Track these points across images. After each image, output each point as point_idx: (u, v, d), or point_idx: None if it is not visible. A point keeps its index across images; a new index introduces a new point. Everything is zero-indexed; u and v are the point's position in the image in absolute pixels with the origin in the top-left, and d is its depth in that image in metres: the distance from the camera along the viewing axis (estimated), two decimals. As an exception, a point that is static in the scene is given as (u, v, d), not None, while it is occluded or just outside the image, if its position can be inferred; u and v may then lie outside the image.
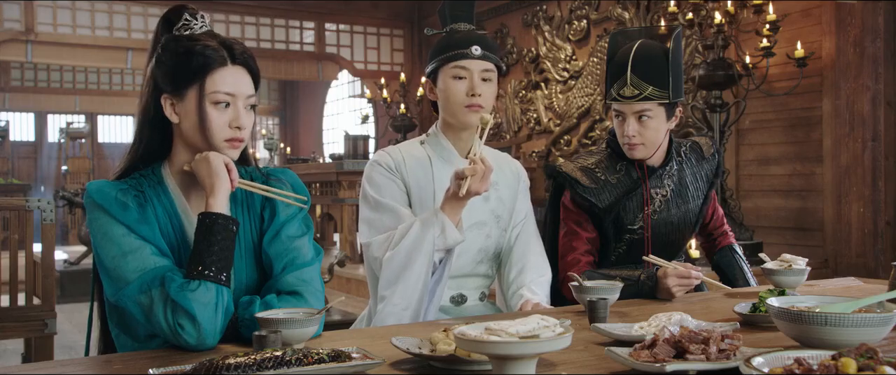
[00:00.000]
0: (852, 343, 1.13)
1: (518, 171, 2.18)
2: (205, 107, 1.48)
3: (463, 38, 2.03)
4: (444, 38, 2.06)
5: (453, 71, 1.99)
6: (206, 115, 1.48)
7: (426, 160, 2.06)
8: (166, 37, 1.52)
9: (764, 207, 5.61)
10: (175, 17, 1.53)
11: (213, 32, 1.54)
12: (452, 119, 2.03)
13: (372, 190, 2.02)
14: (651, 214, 2.20)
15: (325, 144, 14.48)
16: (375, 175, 2.04)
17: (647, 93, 2.08)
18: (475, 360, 1.20)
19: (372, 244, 1.96)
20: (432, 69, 2.05)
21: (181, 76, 1.48)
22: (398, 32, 10.28)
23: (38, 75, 13.48)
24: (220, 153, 1.50)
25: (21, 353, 4.10)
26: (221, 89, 1.48)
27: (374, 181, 2.03)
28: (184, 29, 1.52)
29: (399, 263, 1.87)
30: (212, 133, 1.48)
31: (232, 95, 1.49)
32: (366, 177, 2.06)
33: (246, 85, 1.52)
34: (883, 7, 4.87)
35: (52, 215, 2.99)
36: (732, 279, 2.37)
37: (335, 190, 7.05)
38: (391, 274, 1.88)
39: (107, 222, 1.44)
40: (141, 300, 1.38)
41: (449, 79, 2.00)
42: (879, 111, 4.91)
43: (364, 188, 2.05)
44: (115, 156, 14.28)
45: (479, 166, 1.77)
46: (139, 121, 1.55)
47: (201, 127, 1.48)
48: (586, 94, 7.39)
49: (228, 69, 1.49)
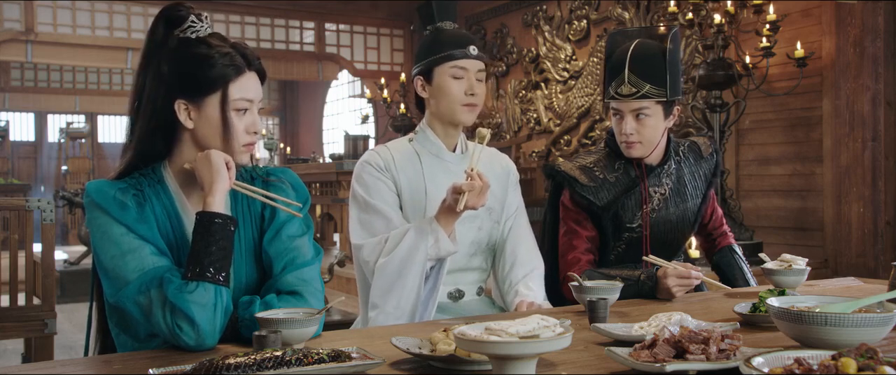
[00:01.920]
0: (852, 343, 1.13)
1: (508, 166, 2.22)
2: (228, 114, 1.49)
3: (461, 38, 2.05)
4: (437, 36, 2.07)
5: (452, 70, 2.02)
6: (230, 123, 1.50)
7: (415, 156, 2.07)
8: (177, 40, 1.50)
9: (764, 207, 5.61)
10: (178, 18, 1.50)
11: (219, 35, 1.54)
12: (448, 116, 2.04)
13: (362, 190, 2.02)
14: (649, 213, 2.20)
15: (325, 144, 14.48)
16: (365, 175, 2.04)
17: (644, 90, 2.10)
18: (475, 360, 1.20)
19: (364, 247, 1.96)
20: (426, 66, 2.05)
21: (202, 83, 1.48)
22: (398, 32, 10.28)
23: (38, 75, 13.47)
24: (238, 158, 1.52)
25: (21, 353, 4.10)
26: (244, 96, 1.51)
27: (364, 181, 2.03)
28: (190, 31, 1.50)
29: (392, 272, 1.88)
30: (234, 139, 1.51)
31: (251, 101, 1.52)
32: (355, 177, 2.06)
33: (259, 90, 1.55)
34: (883, 7, 4.87)
35: (52, 215, 2.99)
36: (732, 279, 2.37)
37: (335, 190, 7.04)
38: (384, 283, 1.89)
39: (106, 222, 1.44)
40: (140, 300, 1.38)
41: (447, 78, 2.02)
42: (879, 111, 4.91)
43: (354, 188, 2.05)
44: (115, 155, 14.21)
45: (476, 182, 1.79)
46: (140, 122, 1.52)
47: (224, 133, 1.50)
48: (586, 94, 7.39)
49: (247, 76, 1.52)
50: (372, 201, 1.99)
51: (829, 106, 5.12)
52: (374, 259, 1.92)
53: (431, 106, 2.08)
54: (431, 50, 2.05)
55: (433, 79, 2.05)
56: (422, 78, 2.07)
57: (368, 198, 2.00)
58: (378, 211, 1.98)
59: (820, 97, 5.20)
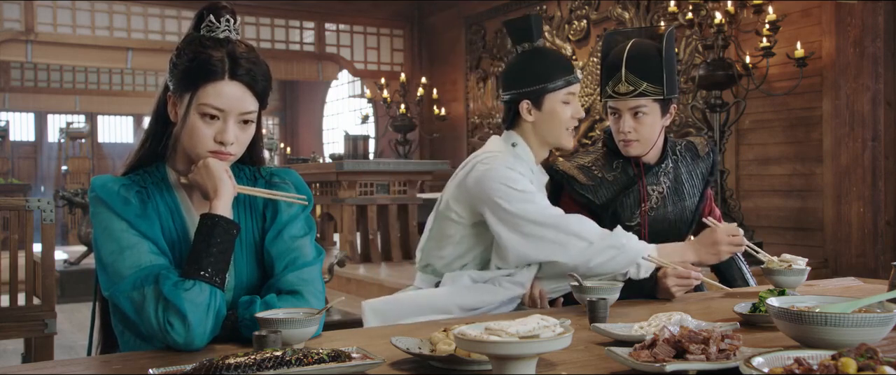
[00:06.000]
0: (852, 343, 1.12)
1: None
2: (190, 115, 1.46)
3: (567, 62, 2.14)
4: (544, 59, 2.10)
5: (565, 96, 2.08)
6: (187, 125, 1.47)
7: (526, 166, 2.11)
8: (188, 35, 1.51)
9: (764, 207, 5.61)
10: (200, 16, 1.51)
11: (230, 39, 1.50)
12: (554, 141, 2.11)
13: (519, 208, 1.97)
14: (648, 211, 2.21)
15: (325, 144, 14.48)
16: (517, 187, 1.99)
17: (642, 89, 2.11)
18: (475, 360, 1.20)
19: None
20: (538, 92, 2.07)
21: (183, 80, 1.48)
22: (398, 32, 10.27)
23: (38, 75, 13.47)
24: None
25: (21, 353, 4.10)
26: (211, 102, 1.45)
27: (515, 196, 1.98)
28: (206, 30, 1.50)
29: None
30: (193, 143, 1.47)
31: (221, 110, 1.46)
32: (502, 196, 1.98)
33: (241, 101, 1.47)
34: (883, 7, 4.87)
35: (52, 215, 2.99)
36: (731, 280, 2.37)
37: (335, 190, 7.04)
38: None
39: (108, 217, 1.44)
40: (133, 296, 1.38)
41: (559, 104, 2.08)
42: (879, 111, 4.91)
43: (507, 193, 1.98)
44: (115, 155, 14.28)
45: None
46: (151, 118, 1.56)
47: (185, 135, 1.48)
48: (586, 94, 7.39)
49: (224, 83, 1.45)
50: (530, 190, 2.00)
51: (829, 106, 5.12)
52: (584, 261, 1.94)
53: (535, 127, 2.11)
54: (544, 75, 2.07)
55: (543, 105, 2.08)
56: (529, 102, 2.09)
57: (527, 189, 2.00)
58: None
59: (820, 97, 5.20)
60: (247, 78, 1.48)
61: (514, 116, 2.13)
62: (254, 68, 1.49)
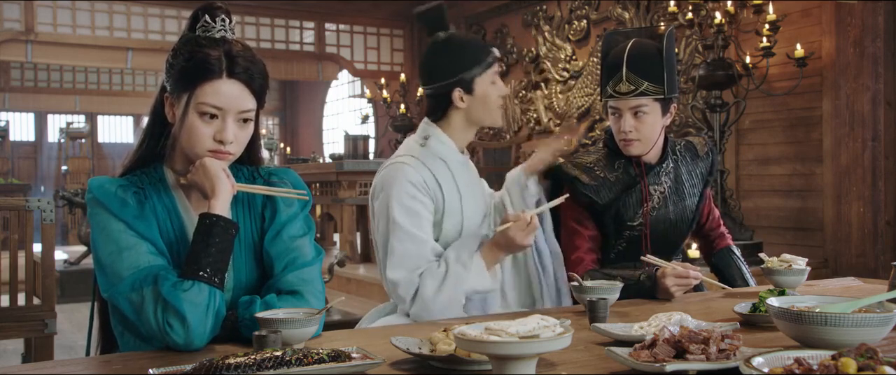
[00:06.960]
0: (852, 343, 1.12)
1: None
2: (188, 115, 1.47)
3: (483, 42, 2.13)
4: (465, 44, 2.07)
5: (492, 76, 2.06)
6: (186, 124, 1.47)
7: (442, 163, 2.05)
8: (183, 35, 1.52)
9: (764, 207, 5.61)
10: (195, 16, 1.51)
11: (226, 39, 1.50)
12: (490, 121, 2.08)
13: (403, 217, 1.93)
14: (650, 211, 2.21)
15: (325, 144, 14.48)
16: (407, 199, 1.95)
17: (642, 88, 2.12)
18: (475, 360, 1.20)
19: (400, 284, 1.92)
20: (469, 76, 2.03)
21: (181, 80, 1.48)
22: (398, 32, 10.27)
23: (38, 75, 13.47)
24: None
25: (21, 353, 4.10)
26: (209, 101, 1.45)
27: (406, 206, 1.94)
28: (202, 29, 1.50)
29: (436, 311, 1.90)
30: (192, 143, 1.48)
31: (220, 109, 1.46)
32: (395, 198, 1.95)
33: (240, 99, 1.48)
34: (883, 7, 4.87)
35: (52, 215, 2.99)
36: (730, 280, 2.37)
37: (335, 190, 7.04)
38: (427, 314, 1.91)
39: (106, 218, 1.44)
40: (132, 297, 1.38)
41: (488, 85, 2.05)
42: (879, 111, 4.91)
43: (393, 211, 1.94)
44: (115, 155, 14.28)
45: (524, 220, 1.87)
46: (148, 119, 1.56)
47: (184, 135, 1.48)
48: (586, 94, 7.39)
49: (222, 82, 1.46)
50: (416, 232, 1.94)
51: (829, 106, 5.12)
52: (410, 296, 1.91)
53: (466, 113, 2.05)
54: (470, 60, 2.03)
55: (475, 89, 2.03)
56: (460, 89, 2.03)
57: (412, 229, 1.93)
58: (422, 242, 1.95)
59: (820, 97, 5.19)
60: (244, 76, 1.48)
61: (444, 106, 2.06)
62: (251, 66, 1.49)
